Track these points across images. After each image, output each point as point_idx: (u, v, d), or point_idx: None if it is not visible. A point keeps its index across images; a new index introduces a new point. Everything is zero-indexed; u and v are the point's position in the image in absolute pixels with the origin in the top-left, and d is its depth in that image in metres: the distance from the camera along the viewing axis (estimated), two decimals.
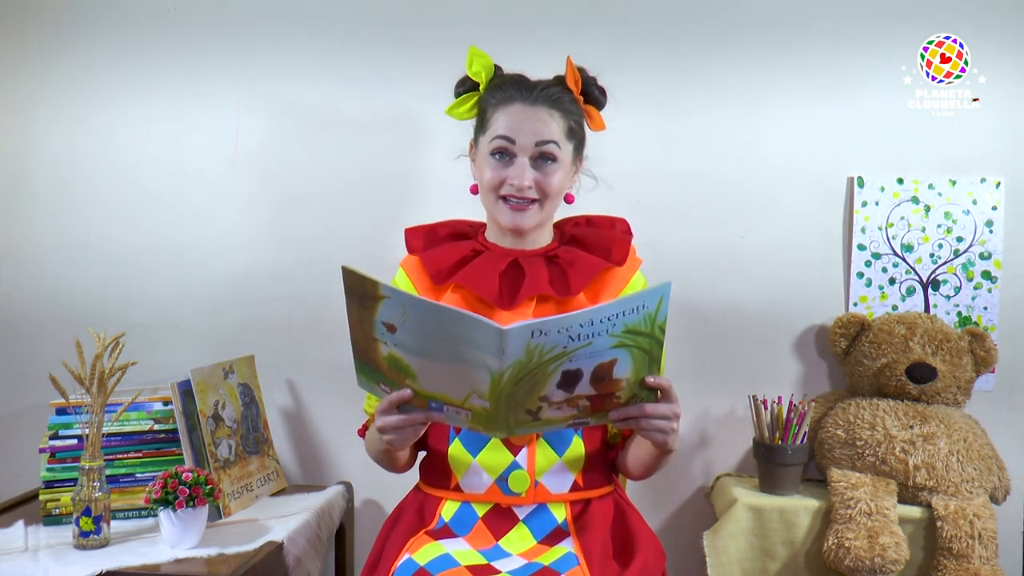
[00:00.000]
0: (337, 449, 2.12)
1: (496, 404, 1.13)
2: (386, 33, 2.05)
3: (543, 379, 1.12)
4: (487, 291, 1.40)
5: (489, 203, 1.44)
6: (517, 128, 1.39)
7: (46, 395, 1.80)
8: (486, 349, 1.08)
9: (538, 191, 1.40)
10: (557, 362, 1.10)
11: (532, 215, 1.41)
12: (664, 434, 1.21)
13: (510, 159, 1.40)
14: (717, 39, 2.01)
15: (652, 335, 1.12)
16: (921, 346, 1.89)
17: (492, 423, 1.16)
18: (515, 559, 1.31)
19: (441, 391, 1.16)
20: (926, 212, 2.00)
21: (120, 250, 2.13)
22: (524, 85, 1.43)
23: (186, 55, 2.09)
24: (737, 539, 1.79)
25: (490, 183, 1.41)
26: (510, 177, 1.39)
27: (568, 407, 1.16)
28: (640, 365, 1.14)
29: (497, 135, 1.40)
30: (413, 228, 1.54)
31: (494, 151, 1.41)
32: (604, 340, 1.10)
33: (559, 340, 1.08)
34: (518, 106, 1.40)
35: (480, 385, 1.12)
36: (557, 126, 1.41)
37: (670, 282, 1.11)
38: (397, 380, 1.18)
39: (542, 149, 1.40)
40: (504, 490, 1.37)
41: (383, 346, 1.15)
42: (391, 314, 1.11)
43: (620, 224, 1.52)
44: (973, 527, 1.71)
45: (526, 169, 1.39)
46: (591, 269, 1.42)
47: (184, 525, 1.59)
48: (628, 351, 1.12)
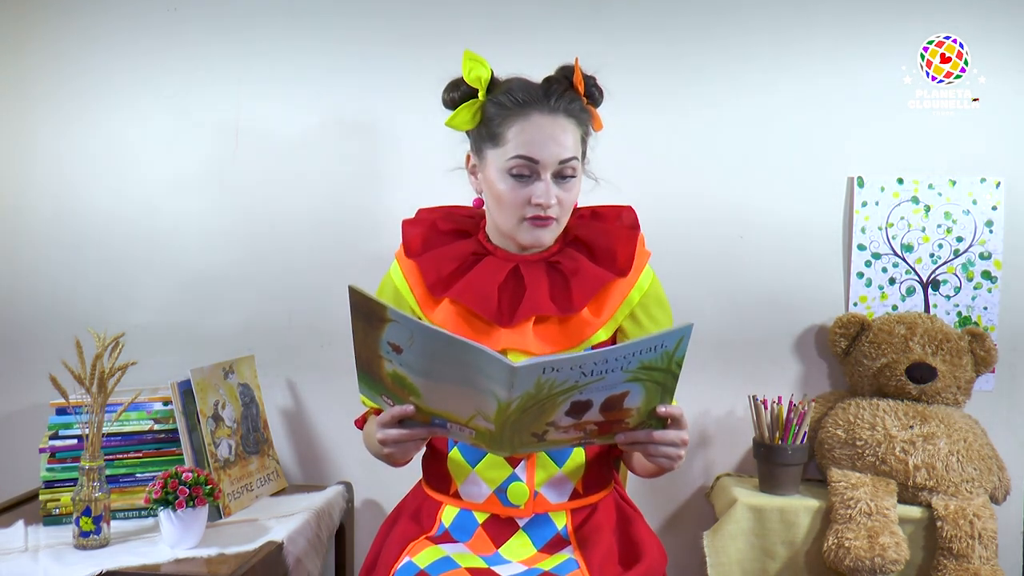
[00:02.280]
0: (337, 449, 2.12)
1: (501, 428, 1.11)
2: (387, 31, 2.05)
3: (551, 408, 1.09)
4: (485, 308, 1.34)
5: (507, 222, 1.35)
6: (540, 147, 1.30)
7: (46, 395, 1.80)
8: (495, 380, 1.06)
9: (559, 208, 1.34)
10: (567, 394, 1.08)
11: (553, 231, 1.35)
12: (671, 460, 1.19)
13: (531, 179, 1.32)
14: (717, 39, 2.01)
15: (668, 371, 1.09)
16: (921, 346, 1.89)
17: (496, 443, 1.14)
18: (515, 566, 1.30)
19: (445, 410, 1.14)
20: (926, 212, 2.00)
21: (120, 250, 2.13)
22: (538, 92, 1.33)
23: (186, 55, 2.09)
24: (737, 539, 1.79)
25: (512, 203, 1.32)
26: (535, 196, 1.31)
27: (575, 431, 1.14)
28: (652, 396, 1.11)
29: (518, 154, 1.30)
30: (411, 220, 1.47)
31: (514, 170, 1.31)
32: (618, 375, 1.07)
33: (571, 376, 1.05)
34: (536, 118, 1.31)
35: (486, 409, 1.09)
36: (574, 139, 1.33)
37: (692, 324, 1.07)
38: (401, 396, 1.16)
39: (564, 166, 1.32)
40: (503, 501, 1.36)
41: (388, 363, 1.12)
42: (398, 336, 1.08)
43: (627, 215, 1.44)
44: (973, 527, 1.71)
45: (551, 187, 1.31)
46: (594, 282, 1.36)
47: (184, 525, 1.59)
48: (642, 384, 1.09)
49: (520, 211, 1.32)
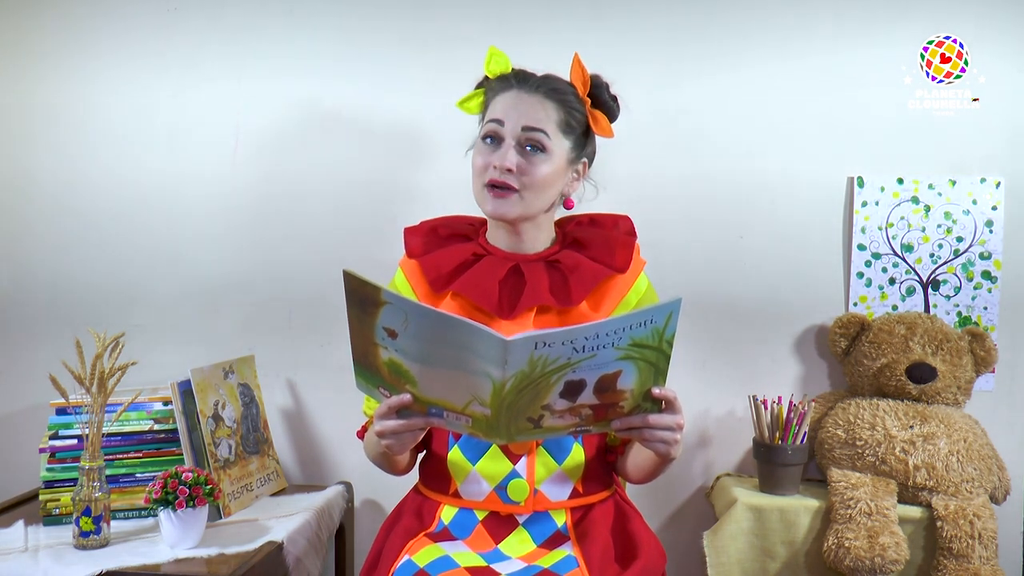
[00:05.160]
0: (337, 449, 2.12)
1: (497, 412, 1.12)
2: (388, 31, 2.05)
3: (546, 389, 1.10)
4: (486, 301, 1.37)
5: (477, 191, 1.41)
6: (507, 111, 1.37)
7: (46, 395, 1.80)
8: (488, 358, 1.07)
9: (520, 178, 1.36)
10: (560, 373, 1.09)
11: (513, 204, 1.37)
12: (667, 445, 1.20)
13: (498, 143, 1.38)
14: (716, 39, 2.01)
15: (659, 349, 1.11)
16: (921, 346, 1.89)
17: (492, 430, 1.15)
18: (515, 562, 1.31)
19: (441, 397, 1.15)
20: (926, 212, 2.00)
21: (120, 250, 2.13)
22: (524, 76, 1.42)
23: (186, 55, 2.09)
24: (737, 539, 1.79)
25: (477, 168, 1.39)
26: (493, 160, 1.37)
27: (570, 415, 1.15)
28: (645, 377, 1.13)
29: (489, 119, 1.39)
30: (413, 227, 1.51)
31: (485, 135, 1.39)
32: (609, 353, 1.08)
33: (563, 352, 1.07)
34: (513, 92, 1.39)
35: (481, 393, 1.10)
36: (549, 115, 1.37)
37: (680, 298, 1.08)
38: (397, 385, 1.17)
39: (529, 135, 1.36)
40: (503, 498, 1.36)
41: (383, 351, 1.14)
42: (393, 320, 1.10)
43: (624, 223, 1.49)
44: (973, 527, 1.71)
45: (510, 151, 1.36)
46: (593, 277, 1.39)
47: (184, 525, 1.59)
48: (634, 363, 1.11)
49: (483, 176, 1.38)
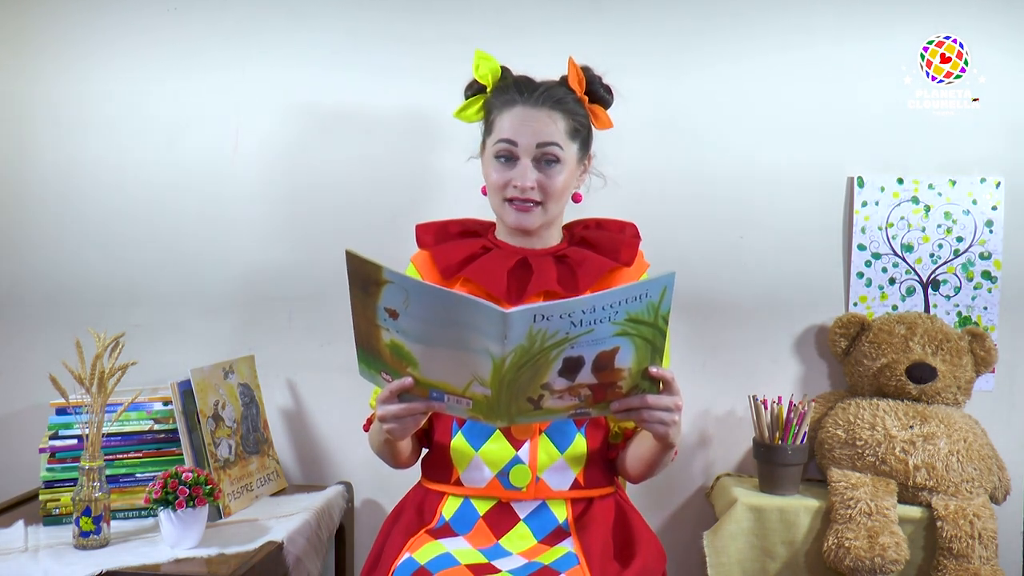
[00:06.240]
0: (337, 449, 2.12)
1: (498, 391, 1.13)
2: (390, 29, 2.05)
3: (545, 366, 1.12)
4: (495, 287, 1.41)
5: (495, 204, 1.46)
6: (519, 130, 1.41)
7: (46, 395, 1.80)
8: (488, 334, 1.09)
9: (541, 192, 1.42)
10: (559, 348, 1.11)
11: (536, 216, 1.43)
12: (665, 426, 1.22)
13: (513, 161, 1.42)
14: (716, 39, 2.01)
15: (655, 325, 1.12)
16: (921, 346, 1.89)
17: (493, 411, 1.17)
18: (515, 558, 1.31)
19: (442, 379, 1.17)
20: (926, 212, 2.00)
21: (120, 249, 2.13)
22: (526, 87, 1.44)
23: (186, 53, 2.09)
24: (737, 539, 1.79)
25: (495, 185, 1.44)
26: (513, 179, 1.41)
27: (570, 396, 1.17)
28: (642, 355, 1.15)
29: (500, 138, 1.42)
30: (424, 224, 1.56)
31: (498, 154, 1.43)
32: (606, 328, 1.10)
33: (561, 325, 1.09)
34: (520, 108, 1.42)
35: (482, 372, 1.12)
36: (559, 127, 1.42)
37: (674, 272, 1.10)
38: (399, 368, 1.19)
39: (544, 151, 1.41)
40: (505, 484, 1.38)
41: (385, 333, 1.16)
42: (394, 299, 1.12)
43: (629, 228, 1.54)
44: (973, 527, 1.71)
45: (528, 171, 1.41)
46: (599, 268, 1.44)
47: (184, 525, 1.59)
48: (631, 340, 1.12)
49: (502, 192, 1.43)
